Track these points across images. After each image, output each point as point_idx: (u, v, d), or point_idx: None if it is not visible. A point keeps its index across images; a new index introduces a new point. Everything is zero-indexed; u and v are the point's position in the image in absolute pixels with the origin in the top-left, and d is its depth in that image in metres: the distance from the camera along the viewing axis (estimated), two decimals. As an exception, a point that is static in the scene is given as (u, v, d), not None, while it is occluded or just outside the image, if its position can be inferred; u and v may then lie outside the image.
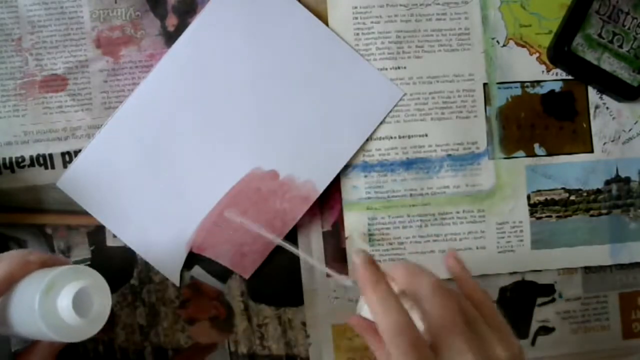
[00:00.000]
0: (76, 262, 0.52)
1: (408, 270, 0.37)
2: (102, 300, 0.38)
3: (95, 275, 0.38)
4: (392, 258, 0.53)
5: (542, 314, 0.55)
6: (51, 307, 0.36)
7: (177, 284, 0.52)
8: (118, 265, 0.52)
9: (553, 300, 0.55)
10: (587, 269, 0.55)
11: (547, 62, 0.55)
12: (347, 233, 0.53)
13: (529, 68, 0.55)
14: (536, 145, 0.55)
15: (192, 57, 0.51)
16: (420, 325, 0.35)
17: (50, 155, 0.52)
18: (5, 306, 0.39)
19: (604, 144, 0.55)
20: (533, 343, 0.55)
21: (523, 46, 0.55)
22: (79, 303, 0.36)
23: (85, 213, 0.51)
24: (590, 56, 0.53)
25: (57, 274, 0.37)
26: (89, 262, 0.52)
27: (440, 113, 0.54)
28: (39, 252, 0.41)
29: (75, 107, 0.52)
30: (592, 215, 0.55)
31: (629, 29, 0.53)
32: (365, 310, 0.39)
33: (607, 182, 0.55)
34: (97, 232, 0.52)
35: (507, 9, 0.54)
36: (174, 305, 0.53)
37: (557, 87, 0.55)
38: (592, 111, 0.55)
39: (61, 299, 0.36)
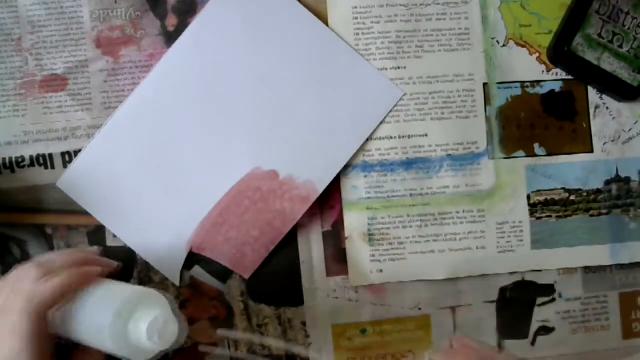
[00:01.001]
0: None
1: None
2: (174, 326, 0.39)
3: (165, 301, 0.39)
4: (392, 258, 0.53)
5: (542, 314, 0.55)
6: (123, 331, 0.37)
7: (177, 284, 0.52)
8: (118, 265, 0.52)
9: (553, 300, 0.55)
10: (587, 269, 0.55)
11: (547, 62, 0.55)
12: (347, 233, 0.53)
13: (529, 68, 0.55)
14: (536, 145, 0.55)
15: (192, 57, 0.52)
16: None
17: (50, 155, 0.52)
18: (68, 316, 0.40)
19: (604, 144, 0.55)
20: (533, 343, 0.55)
21: (523, 46, 0.55)
22: (151, 328, 0.37)
23: (85, 213, 0.51)
24: (590, 56, 0.53)
25: (131, 299, 0.38)
26: (89, 262, 0.52)
27: (440, 113, 0.54)
28: (95, 259, 0.44)
29: (75, 107, 0.52)
30: (592, 215, 0.55)
31: (629, 29, 0.53)
32: None
33: (607, 182, 0.55)
34: (97, 232, 0.52)
35: (507, 9, 0.54)
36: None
37: (557, 87, 0.55)
38: (592, 111, 0.55)
39: (134, 325, 0.37)
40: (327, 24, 0.53)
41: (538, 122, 0.55)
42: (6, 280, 0.40)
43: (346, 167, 0.53)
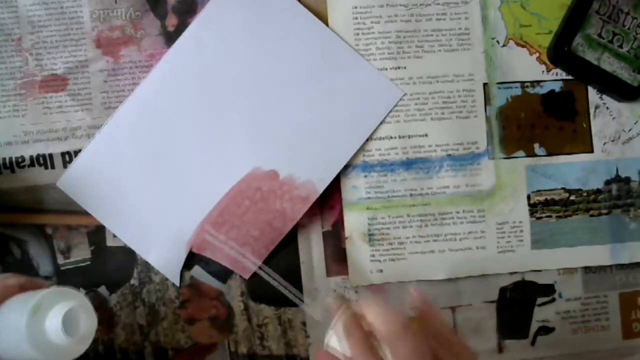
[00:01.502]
0: (76, 262, 0.52)
1: (378, 311, 0.38)
2: (88, 320, 0.38)
3: (80, 296, 0.39)
4: (392, 258, 0.53)
5: (542, 314, 0.55)
6: (39, 329, 0.36)
7: (177, 284, 0.52)
8: (118, 265, 0.52)
9: (553, 300, 0.55)
10: (587, 269, 0.55)
11: (547, 62, 0.55)
12: (347, 233, 0.53)
13: (529, 68, 0.55)
14: (536, 145, 0.55)
15: (192, 57, 0.52)
16: None
17: (50, 155, 0.52)
18: None
19: (604, 144, 0.55)
20: (533, 343, 0.55)
21: (523, 46, 0.55)
22: (66, 324, 0.37)
23: (85, 213, 0.51)
24: (590, 56, 0.53)
25: (44, 296, 0.37)
26: (89, 262, 0.52)
27: (440, 113, 0.54)
28: (17, 275, 0.42)
29: (75, 107, 0.52)
30: (592, 215, 0.55)
31: (629, 29, 0.53)
32: (333, 340, 0.40)
33: (607, 182, 0.55)
34: (97, 232, 0.52)
35: (507, 9, 0.54)
36: (174, 305, 0.53)
37: (557, 87, 0.55)
38: (592, 111, 0.55)
39: (50, 320, 0.37)
40: (327, 24, 0.53)
41: (538, 122, 0.55)
42: None
43: (346, 167, 0.53)
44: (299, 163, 0.52)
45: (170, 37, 0.52)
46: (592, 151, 0.55)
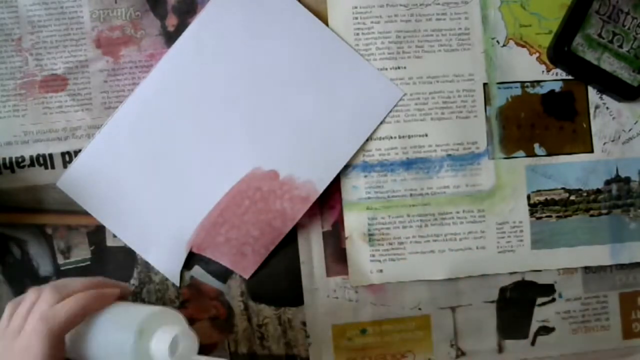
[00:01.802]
0: (76, 262, 0.52)
1: None
2: (188, 341, 0.38)
3: (182, 318, 0.39)
4: (392, 258, 0.53)
5: (542, 314, 0.55)
6: (145, 352, 0.37)
7: (177, 284, 0.52)
8: (118, 265, 0.52)
9: (553, 300, 0.55)
10: (587, 269, 0.55)
11: (547, 62, 0.55)
12: (347, 233, 0.53)
13: (529, 68, 0.55)
14: (536, 145, 0.55)
15: (192, 57, 0.52)
16: None
17: (50, 155, 0.52)
18: (82, 338, 0.39)
19: (604, 144, 0.55)
20: (533, 343, 0.55)
21: (523, 46, 0.55)
22: (173, 344, 0.37)
23: (85, 213, 0.51)
24: (590, 56, 0.53)
25: (151, 317, 0.38)
26: (89, 262, 0.52)
27: (440, 113, 0.54)
28: (109, 282, 0.42)
29: (75, 107, 0.52)
30: (592, 215, 0.55)
31: (629, 29, 0.53)
32: None
33: (607, 182, 0.55)
34: (97, 232, 0.52)
35: (507, 9, 0.54)
36: (174, 305, 0.53)
37: (557, 87, 0.55)
38: (592, 111, 0.55)
39: (156, 344, 0.37)
40: (327, 24, 0.53)
41: (538, 122, 0.55)
42: (20, 302, 0.40)
43: (346, 167, 0.53)
44: (299, 163, 0.52)
45: (170, 37, 0.52)
46: (592, 151, 0.55)
